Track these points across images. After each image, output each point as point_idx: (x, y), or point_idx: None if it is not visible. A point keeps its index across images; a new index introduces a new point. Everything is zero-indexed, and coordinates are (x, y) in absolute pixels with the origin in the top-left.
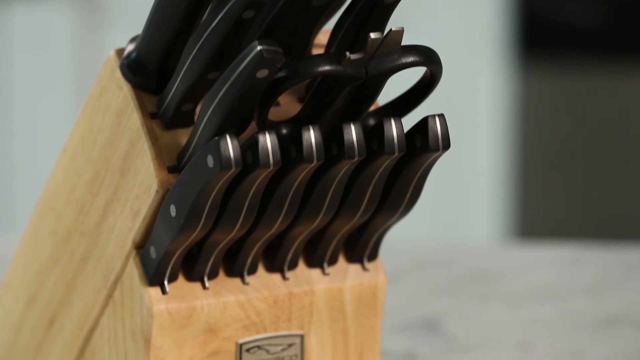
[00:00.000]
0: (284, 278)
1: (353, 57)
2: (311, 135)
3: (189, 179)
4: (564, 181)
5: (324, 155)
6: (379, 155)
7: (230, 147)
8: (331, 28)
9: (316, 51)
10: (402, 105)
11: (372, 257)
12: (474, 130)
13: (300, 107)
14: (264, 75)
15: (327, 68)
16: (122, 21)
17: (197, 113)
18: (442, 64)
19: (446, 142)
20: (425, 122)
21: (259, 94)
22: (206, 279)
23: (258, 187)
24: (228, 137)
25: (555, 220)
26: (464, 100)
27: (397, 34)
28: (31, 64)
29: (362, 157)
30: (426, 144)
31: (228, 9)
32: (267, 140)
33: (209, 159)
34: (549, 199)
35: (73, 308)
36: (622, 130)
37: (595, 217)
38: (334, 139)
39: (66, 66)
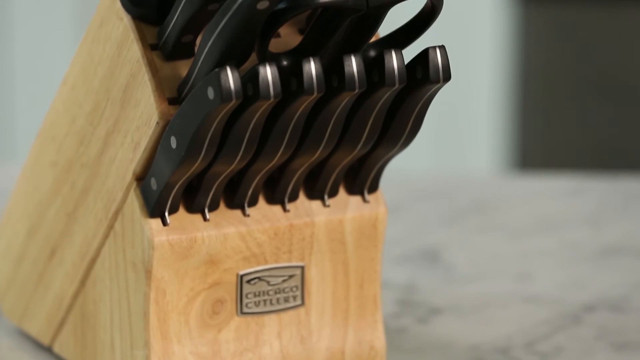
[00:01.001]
0: (285, 210)
1: None
2: (312, 67)
3: (189, 110)
4: (564, 112)
5: (325, 87)
6: (379, 87)
7: (231, 79)
8: None
9: None
10: (403, 37)
11: (373, 189)
12: (475, 61)
13: (301, 39)
14: (264, 6)
15: None
16: None
17: (198, 44)
18: None
19: (447, 74)
20: (426, 53)
21: (260, 26)
22: (207, 211)
23: (258, 119)
24: (228, 69)
25: (556, 151)
26: (465, 32)
27: None
28: None
29: (363, 89)
30: (427, 75)
31: None
32: (268, 72)
33: (210, 91)
34: (549, 130)
35: (74, 239)
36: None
37: (595, 148)
38: (334, 70)
39: None
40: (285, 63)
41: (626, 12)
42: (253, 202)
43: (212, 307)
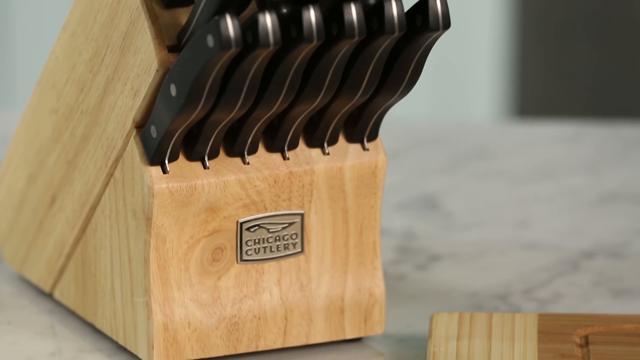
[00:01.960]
0: (284, 158)
1: None
2: (311, 15)
3: (189, 58)
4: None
5: (324, 35)
6: (379, 34)
7: (231, 26)
8: None
9: None
10: None
11: (372, 136)
12: (474, 9)
13: None
14: None
15: None
16: None
17: None
18: None
19: (446, 22)
20: (426, 1)
21: None
22: (207, 159)
23: (258, 67)
24: (228, 17)
25: (554, 98)
26: None
27: None
28: None
29: (362, 36)
30: (426, 23)
31: None
32: (268, 20)
33: (209, 39)
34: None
35: (74, 186)
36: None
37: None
38: (334, 18)
39: None
40: (284, 11)
41: None
42: (253, 150)
43: (212, 254)
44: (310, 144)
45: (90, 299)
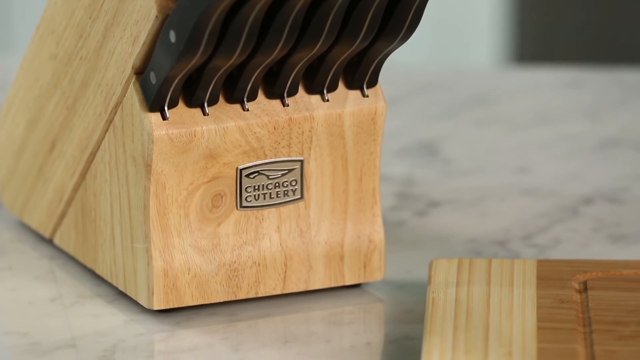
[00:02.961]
0: (284, 104)
1: None
2: None
3: (188, 4)
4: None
5: None
6: None
7: None
8: None
9: None
10: None
11: (372, 83)
12: None
13: None
14: None
15: None
16: None
17: None
18: None
19: None
20: None
21: None
22: (206, 105)
23: (258, 12)
24: None
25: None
26: None
27: None
28: None
29: None
30: None
31: None
32: None
33: None
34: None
35: (74, 132)
36: None
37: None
38: None
39: None
40: None
41: None
42: (252, 97)
43: (211, 200)
44: (310, 90)
45: (91, 245)
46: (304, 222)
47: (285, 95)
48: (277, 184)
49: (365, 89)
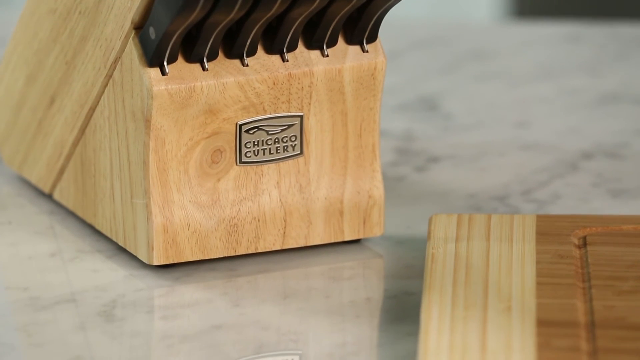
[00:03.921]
0: (284, 60)
1: None
2: None
3: None
4: None
5: None
6: None
7: None
8: None
9: None
10: None
11: (372, 38)
12: None
13: None
14: None
15: None
16: None
17: None
18: None
19: None
20: None
21: None
22: (205, 61)
23: None
24: None
25: None
26: None
27: None
28: None
29: None
30: None
31: None
32: None
33: None
34: None
35: (73, 87)
36: None
37: None
38: None
39: None
40: None
41: None
42: (252, 52)
43: (211, 156)
44: (310, 45)
45: (90, 200)
46: (304, 178)
47: (284, 50)
48: (276, 140)
49: (365, 44)
